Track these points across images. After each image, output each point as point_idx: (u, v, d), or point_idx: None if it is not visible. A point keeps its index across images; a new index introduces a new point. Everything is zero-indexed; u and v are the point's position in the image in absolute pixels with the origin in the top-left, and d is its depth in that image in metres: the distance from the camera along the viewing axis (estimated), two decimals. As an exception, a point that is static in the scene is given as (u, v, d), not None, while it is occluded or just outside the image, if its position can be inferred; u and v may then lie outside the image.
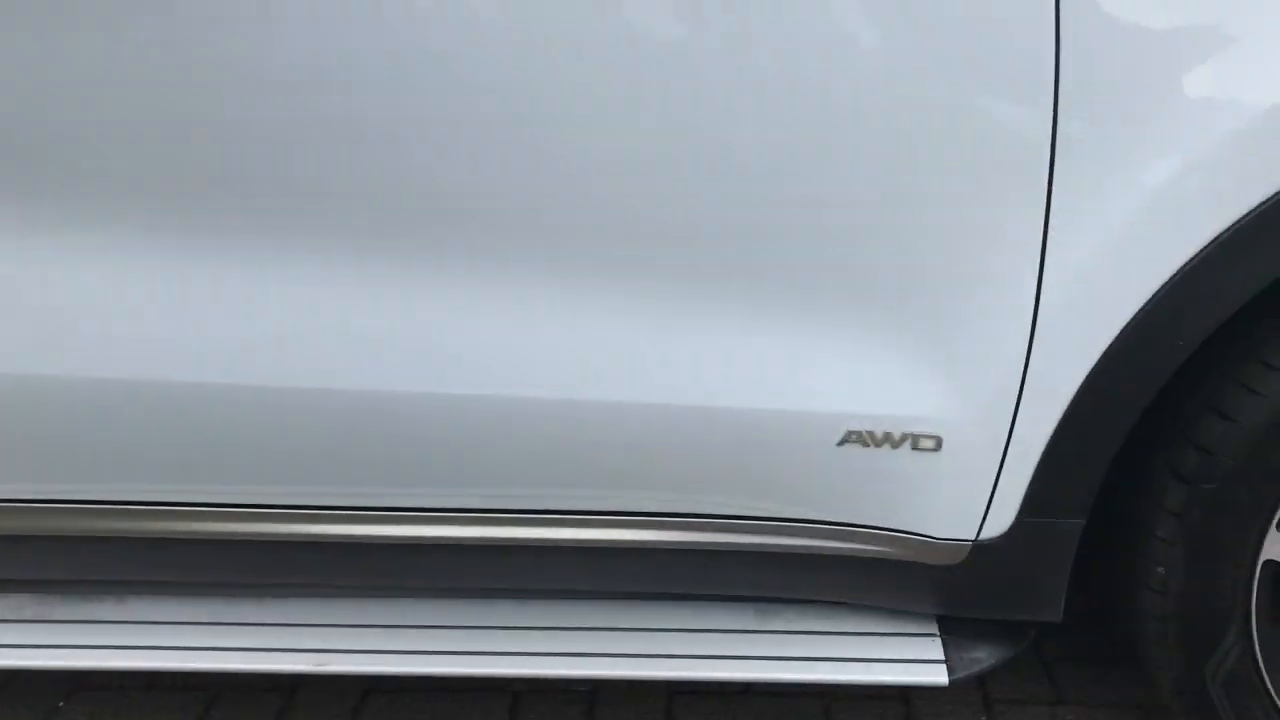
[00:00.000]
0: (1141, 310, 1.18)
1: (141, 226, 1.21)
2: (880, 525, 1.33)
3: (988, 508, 1.29)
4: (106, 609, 1.45)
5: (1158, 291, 1.17)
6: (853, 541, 1.35)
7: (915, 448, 1.27)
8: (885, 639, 1.41)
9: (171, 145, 1.18)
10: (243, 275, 1.23)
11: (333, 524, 1.34)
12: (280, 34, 1.14)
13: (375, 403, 1.26)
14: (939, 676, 1.36)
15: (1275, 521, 1.27)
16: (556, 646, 1.41)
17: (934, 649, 1.39)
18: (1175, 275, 1.16)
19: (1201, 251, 1.15)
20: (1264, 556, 1.29)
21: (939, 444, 1.26)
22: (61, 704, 1.71)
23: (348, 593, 1.46)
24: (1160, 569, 1.31)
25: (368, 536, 1.36)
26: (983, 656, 1.40)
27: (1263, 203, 1.13)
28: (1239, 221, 1.14)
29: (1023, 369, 1.23)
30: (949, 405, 1.25)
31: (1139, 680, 1.69)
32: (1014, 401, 1.24)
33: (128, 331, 1.24)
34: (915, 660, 1.38)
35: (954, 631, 1.42)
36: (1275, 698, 1.34)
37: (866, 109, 1.14)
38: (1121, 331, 1.20)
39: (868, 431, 1.26)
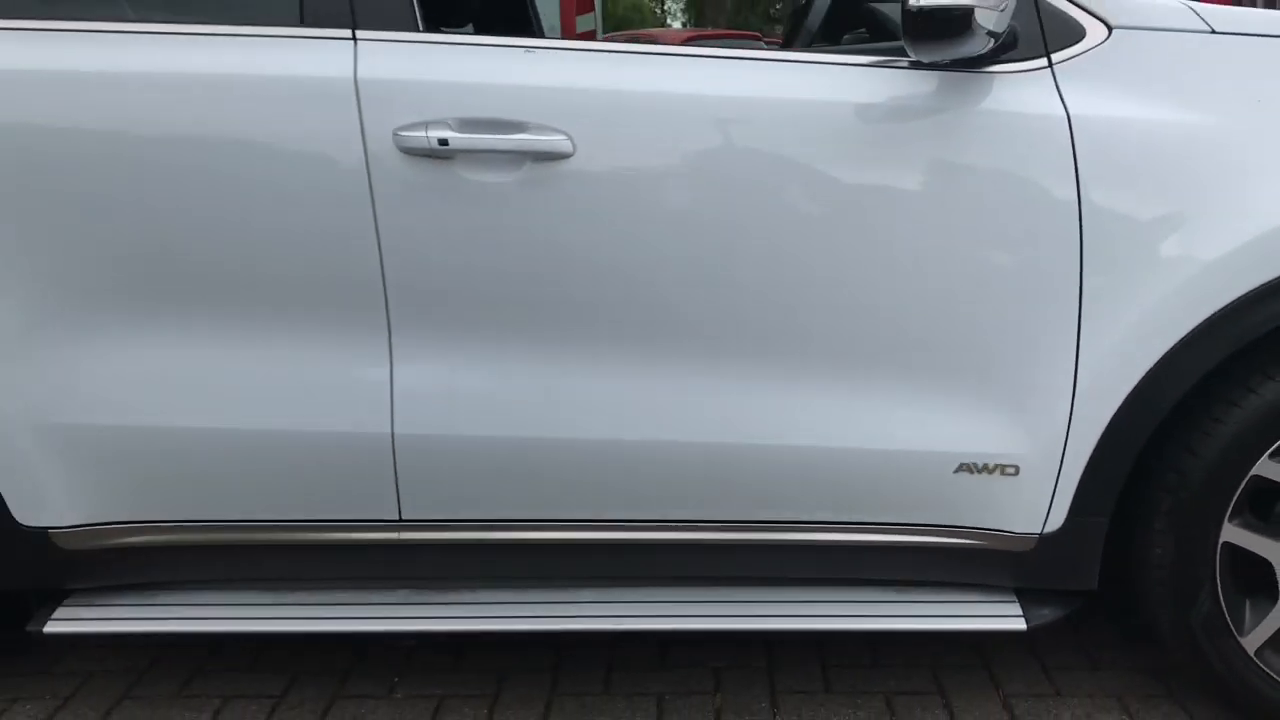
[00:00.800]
0: (1132, 391, 1.98)
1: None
2: (978, 525, 2.11)
3: (1048, 511, 2.06)
4: (482, 595, 2.20)
5: (1144, 376, 1.97)
6: (959, 537, 2.12)
7: (1003, 474, 2.05)
8: (982, 604, 2.17)
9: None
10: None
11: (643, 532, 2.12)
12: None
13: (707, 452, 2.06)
14: (1020, 624, 2.12)
15: (1228, 515, 2.04)
16: (760, 611, 2.17)
17: (1015, 609, 2.15)
18: (1155, 365, 1.96)
19: (1170, 349, 1.94)
20: (1222, 540, 2.06)
21: (1018, 471, 2.05)
22: (396, 679, 2.45)
23: (632, 583, 2.22)
24: (1159, 550, 2.08)
25: (669, 540, 2.13)
26: (1046, 613, 2.15)
27: (1205, 320, 1.93)
28: (1192, 331, 1.94)
29: (1067, 427, 2.02)
30: (1024, 447, 2.03)
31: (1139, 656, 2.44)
32: (1062, 446, 2.03)
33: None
34: (1003, 615, 2.14)
35: (1026, 598, 2.18)
36: (1233, 629, 2.10)
37: (987, 278, 1.95)
38: (1120, 406, 1.99)
39: (973, 463, 2.05)
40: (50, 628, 2.20)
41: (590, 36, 9.38)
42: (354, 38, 2.00)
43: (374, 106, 1.96)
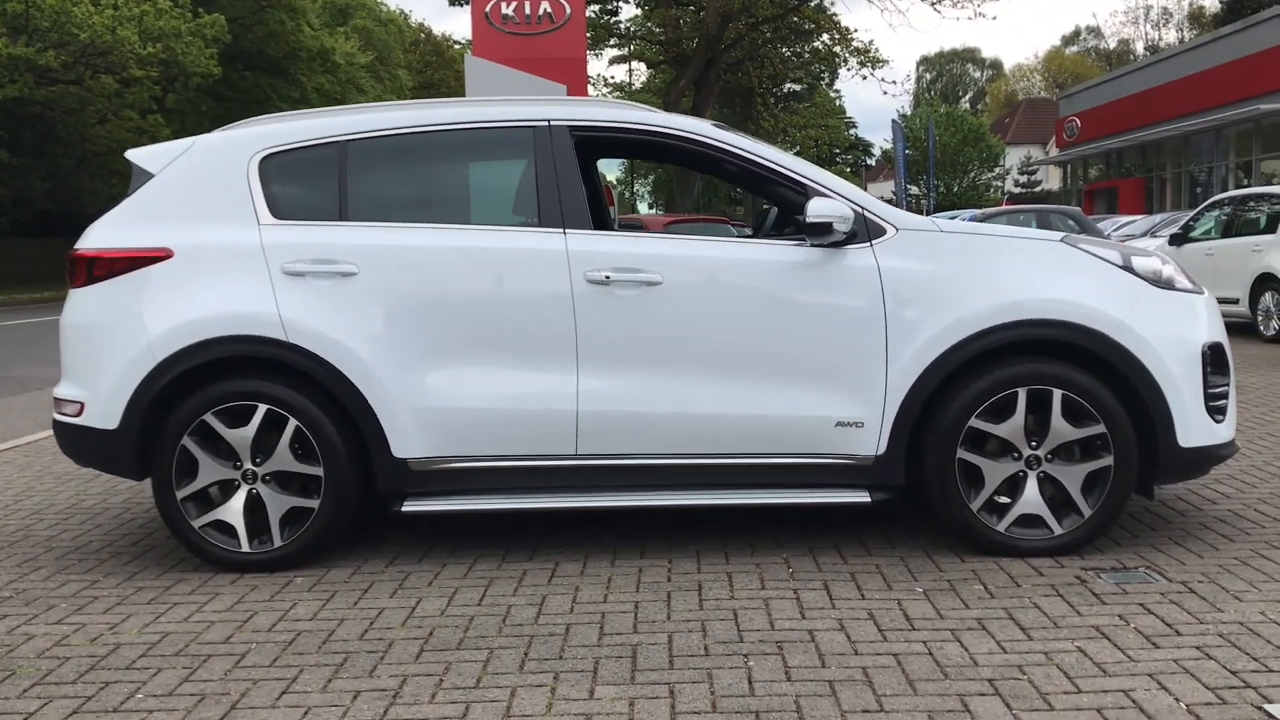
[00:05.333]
0: (910, 387, 4.46)
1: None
2: (845, 452, 4.56)
3: (878, 442, 4.53)
4: (617, 495, 4.61)
5: (914, 380, 4.46)
6: (834, 459, 4.57)
7: (855, 426, 4.53)
8: (845, 490, 4.60)
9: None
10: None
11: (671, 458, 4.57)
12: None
13: (691, 418, 4.52)
14: (866, 499, 4.55)
15: (959, 444, 4.49)
16: (743, 498, 4.60)
17: (864, 494, 4.58)
18: (918, 375, 4.46)
19: (925, 368, 4.46)
20: (958, 457, 4.51)
21: (863, 425, 4.52)
22: (560, 552, 4.82)
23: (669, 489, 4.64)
24: (930, 462, 4.52)
25: (679, 465, 4.57)
26: (880, 496, 4.58)
27: (938, 356, 4.45)
28: (933, 360, 4.46)
29: (883, 403, 4.51)
30: (865, 414, 4.51)
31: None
32: (882, 413, 4.51)
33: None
34: (859, 497, 4.57)
35: (870, 490, 4.61)
36: (966, 500, 4.52)
37: (845, 335, 4.48)
38: (906, 393, 4.47)
39: (842, 420, 4.53)
40: (405, 509, 4.59)
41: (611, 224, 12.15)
42: (564, 231, 4.56)
43: (575, 262, 4.50)
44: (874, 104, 76.79)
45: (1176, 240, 14.30)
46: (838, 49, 30.69)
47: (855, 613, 3.96)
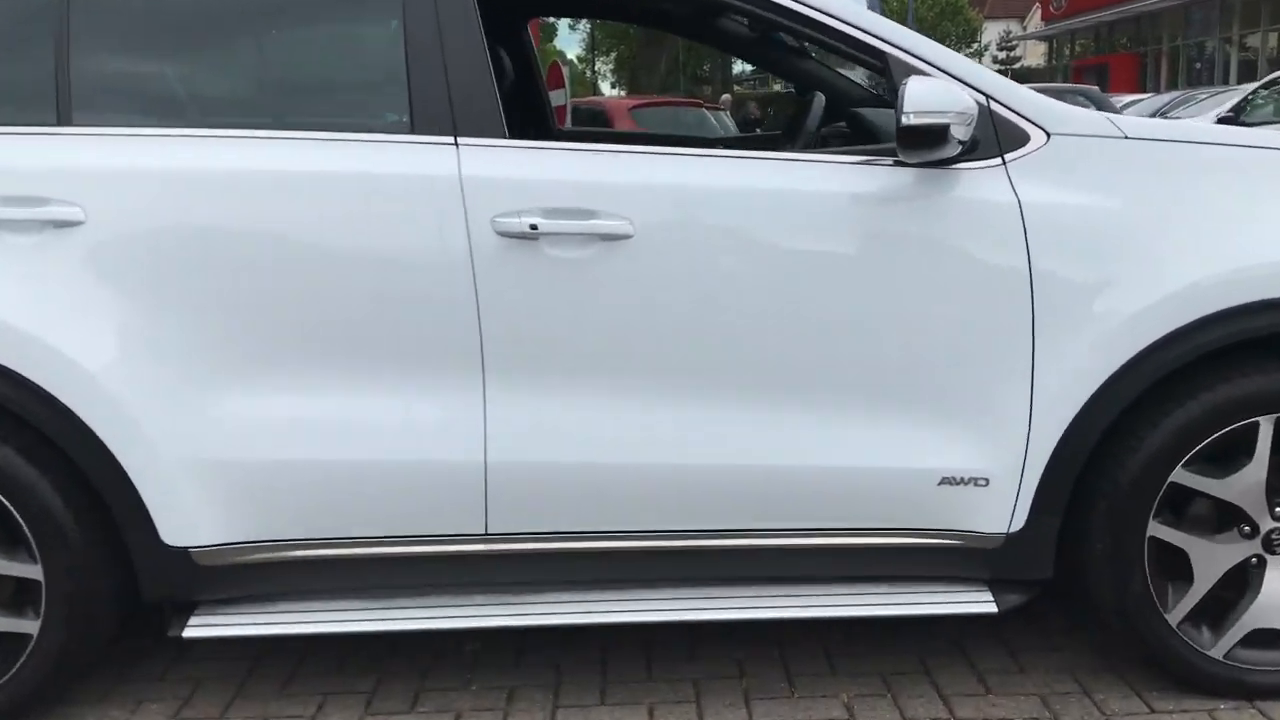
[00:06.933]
0: (1071, 423, 2.51)
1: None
2: (957, 528, 2.62)
3: (1012, 515, 2.58)
4: (547, 597, 2.66)
5: (1081, 407, 2.51)
6: (936, 538, 2.63)
7: (976, 485, 2.57)
8: (953, 590, 2.67)
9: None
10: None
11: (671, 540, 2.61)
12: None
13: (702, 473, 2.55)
14: (991, 608, 2.63)
15: (1152, 514, 2.57)
16: (778, 602, 2.65)
17: (987, 597, 2.66)
18: (1089, 398, 2.50)
19: (1101, 385, 2.48)
20: (1149, 534, 2.59)
21: (988, 483, 2.57)
22: (470, 676, 2.89)
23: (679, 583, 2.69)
24: (1099, 545, 2.60)
25: (694, 548, 2.62)
26: (1012, 599, 2.66)
27: (1134, 356, 2.47)
28: (1122, 367, 2.48)
29: (1025, 450, 2.54)
30: (992, 465, 2.55)
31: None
32: (1021, 464, 2.55)
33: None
34: (978, 601, 2.65)
35: (995, 588, 2.68)
36: (1160, 607, 2.62)
37: (957, 331, 2.49)
38: (1064, 433, 2.52)
39: (951, 476, 2.57)
40: (189, 633, 2.62)
41: (561, 111, 9.96)
42: (455, 142, 2.51)
43: (475, 197, 2.47)
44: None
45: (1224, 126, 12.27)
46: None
47: None
